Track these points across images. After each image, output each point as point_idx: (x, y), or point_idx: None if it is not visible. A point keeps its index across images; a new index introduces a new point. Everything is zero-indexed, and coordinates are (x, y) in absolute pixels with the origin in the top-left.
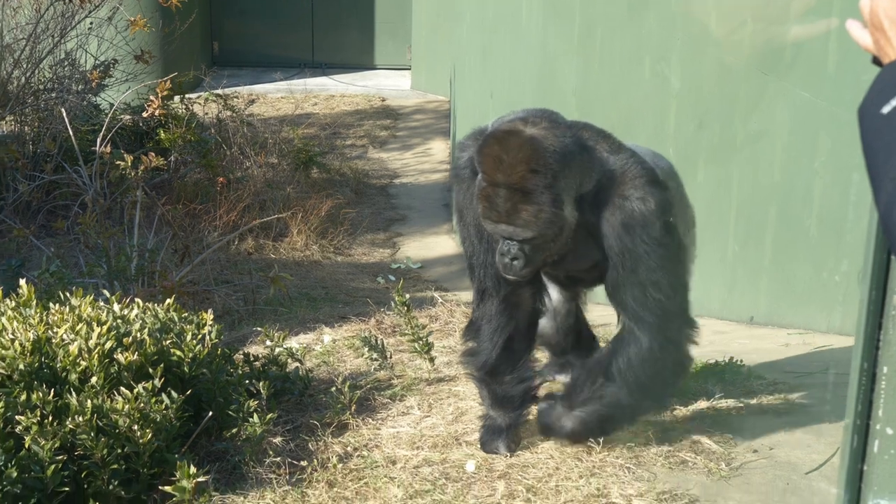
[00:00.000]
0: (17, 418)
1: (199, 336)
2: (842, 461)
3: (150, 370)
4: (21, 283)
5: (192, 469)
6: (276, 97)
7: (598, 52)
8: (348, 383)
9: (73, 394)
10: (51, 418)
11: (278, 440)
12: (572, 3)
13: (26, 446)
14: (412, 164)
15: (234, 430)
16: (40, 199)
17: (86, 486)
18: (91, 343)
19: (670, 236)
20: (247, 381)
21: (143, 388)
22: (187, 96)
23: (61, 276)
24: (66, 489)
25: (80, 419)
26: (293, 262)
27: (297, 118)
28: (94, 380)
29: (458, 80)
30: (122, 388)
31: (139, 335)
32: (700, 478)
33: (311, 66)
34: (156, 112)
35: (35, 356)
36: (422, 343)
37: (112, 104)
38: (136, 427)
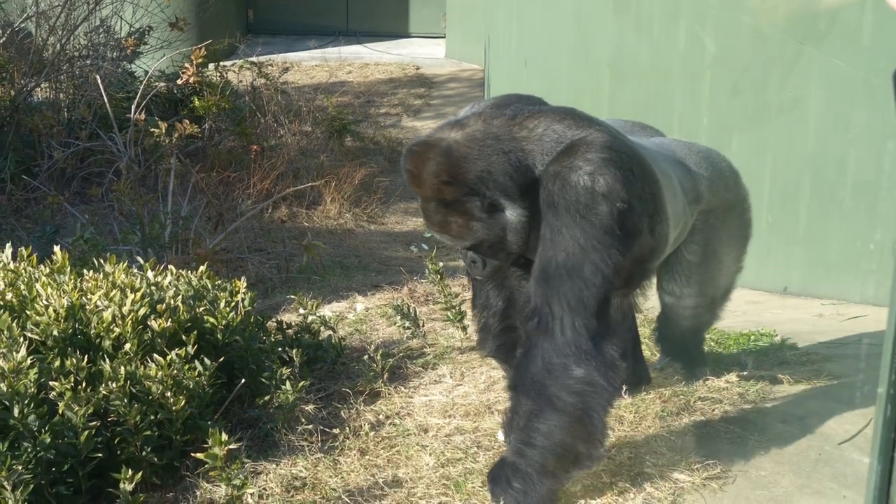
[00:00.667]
0: (51, 384)
1: (233, 303)
2: (875, 431)
3: (184, 337)
4: (55, 249)
5: (224, 436)
6: (310, 65)
7: (634, 17)
8: (381, 351)
9: (107, 360)
10: (84, 384)
11: (310, 408)
12: None
13: (60, 412)
14: None
15: (267, 398)
16: (75, 166)
17: (118, 452)
18: (125, 310)
19: (613, 221)
20: (279, 349)
21: (177, 354)
22: (222, 64)
23: (95, 242)
24: (100, 455)
25: (114, 385)
26: (326, 231)
27: (330, 86)
28: (127, 346)
29: (492, 49)
30: (155, 355)
31: (173, 302)
32: (732, 447)
33: (346, 35)
34: (190, 79)
35: (69, 322)
36: (455, 311)
37: (147, 71)
38: (168, 394)
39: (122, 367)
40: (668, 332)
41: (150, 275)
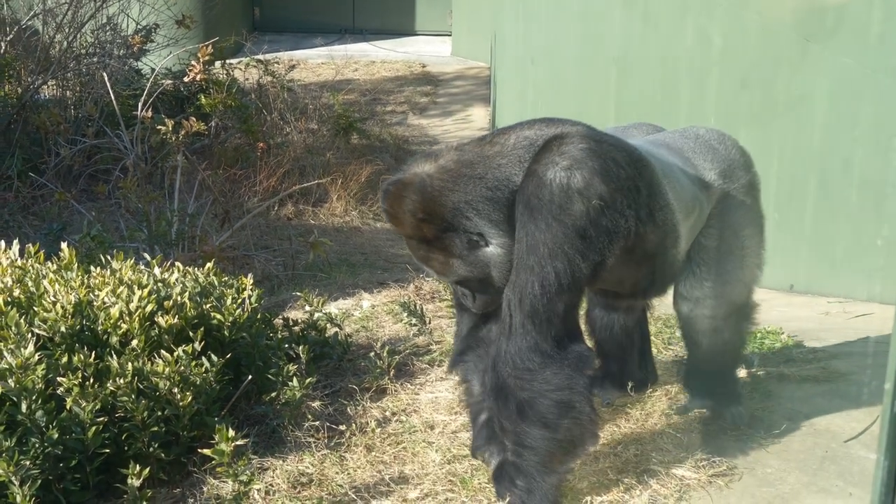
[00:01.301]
0: (59, 380)
1: (239, 300)
2: (882, 428)
3: (191, 333)
4: (62, 246)
5: (231, 432)
6: (316, 63)
7: (641, 13)
8: (387, 348)
9: (114, 356)
10: (92, 380)
11: (317, 404)
12: None
13: (67, 408)
14: (452, 130)
15: (274, 394)
16: (81, 164)
17: (126, 447)
18: (132, 306)
19: (587, 221)
20: (286, 346)
21: (184, 351)
22: (228, 61)
23: (102, 240)
24: (107, 451)
25: (121, 381)
26: (332, 228)
27: (337, 84)
28: (134, 342)
29: (498, 47)
30: (162, 351)
31: (179, 299)
32: (738, 444)
33: (352, 32)
34: (197, 77)
35: (76, 319)
36: None
37: (153, 69)
38: (176, 390)
39: (130, 364)
40: (693, 364)
41: (156, 272)
